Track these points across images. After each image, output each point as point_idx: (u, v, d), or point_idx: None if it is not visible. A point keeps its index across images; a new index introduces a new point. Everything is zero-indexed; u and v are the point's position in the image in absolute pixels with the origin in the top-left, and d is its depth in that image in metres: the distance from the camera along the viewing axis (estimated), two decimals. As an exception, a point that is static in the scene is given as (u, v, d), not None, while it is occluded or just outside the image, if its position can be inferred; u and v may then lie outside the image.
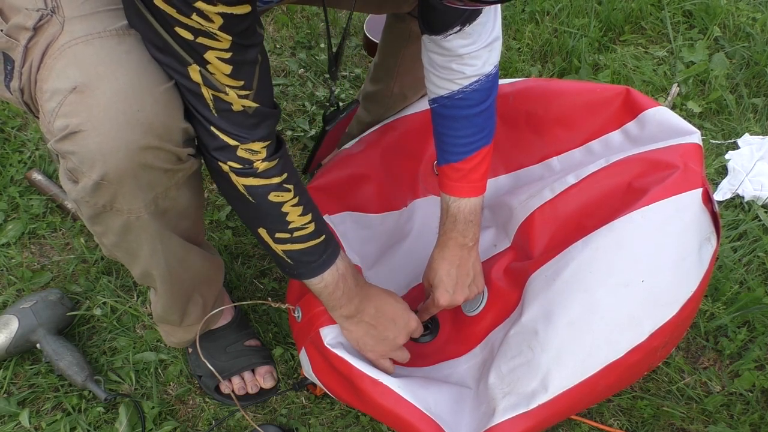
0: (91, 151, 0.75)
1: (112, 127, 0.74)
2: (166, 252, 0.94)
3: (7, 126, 1.56)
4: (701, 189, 0.95)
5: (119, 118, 0.74)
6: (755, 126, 1.64)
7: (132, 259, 0.95)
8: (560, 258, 0.98)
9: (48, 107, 0.76)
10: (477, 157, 1.02)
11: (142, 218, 0.85)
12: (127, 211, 0.83)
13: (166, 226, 0.90)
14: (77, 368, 1.18)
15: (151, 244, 0.91)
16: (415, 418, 0.94)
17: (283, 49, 1.78)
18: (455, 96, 0.99)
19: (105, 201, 0.81)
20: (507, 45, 1.80)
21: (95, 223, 0.87)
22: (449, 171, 1.03)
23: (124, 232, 0.87)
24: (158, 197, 0.85)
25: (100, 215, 0.84)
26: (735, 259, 1.38)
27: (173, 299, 1.06)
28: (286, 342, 1.27)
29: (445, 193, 1.05)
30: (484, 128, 1.02)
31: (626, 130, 1.12)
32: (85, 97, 0.74)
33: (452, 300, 1.07)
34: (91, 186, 0.78)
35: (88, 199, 0.81)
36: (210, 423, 1.18)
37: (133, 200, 0.82)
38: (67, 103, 0.75)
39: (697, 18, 1.86)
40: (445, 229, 1.07)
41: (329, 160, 1.29)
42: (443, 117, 1.02)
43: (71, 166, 0.78)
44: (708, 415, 1.20)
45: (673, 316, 0.92)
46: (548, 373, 0.92)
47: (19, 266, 1.35)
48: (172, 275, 0.99)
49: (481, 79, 0.98)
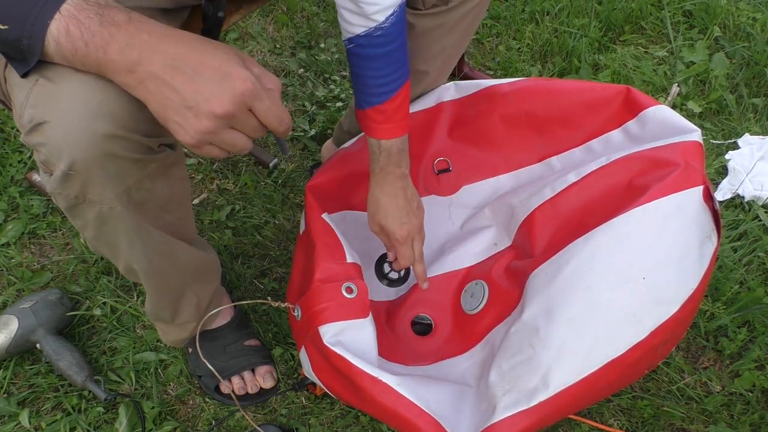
0: (58, 141, 0.75)
1: (77, 117, 0.74)
2: (145, 246, 0.93)
3: (7, 126, 1.56)
4: (702, 186, 0.95)
5: (83, 108, 0.74)
6: (755, 126, 1.64)
7: (113, 252, 0.94)
8: (561, 255, 0.98)
9: (17, 101, 0.77)
10: (400, 95, 1.00)
11: (116, 209, 0.84)
12: (99, 201, 0.82)
13: (145, 219, 0.89)
14: (77, 368, 1.18)
15: (128, 237, 0.90)
16: (415, 416, 0.94)
17: (283, 49, 1.78)
18: (373, 34, 0.94)
19: (77, 192, 0.81)
20: (507, 45, 1.80)
21: (73, 215, 0.87)
22: (374, 114, 1.01)
23: (100, 224, 0.87)
24: (131, 188, 0.83)
25: (76, 207, 0.84)
26: (735, 259, 1.38)
27: (160, 296, 1.06)
28: (286, 342, 1.27)
29: (372, 137, 1.03)
30: (403, 63, 0.99)
31: (627, 129, 1.12)
32: (50, 89, 0.74)
33: (410, 229, 1.06)
34: (61, 176, 0.78)
35: (60, 191, 0.81)
36: (210, 423, 1.18)
37: (103, 191, 0.81)
38: (33, 96, 0.75)
39: (697, 18, 1.86)
40: (381, 166, 1.05)
41: (329, 158, 1.30)
42: (362, 57, 0.97)
43: (42, 158, 0.79)
44: (708, 415, 1.19)
45: (674, 314, 0.92)
46: (549, 371, 0.92)
47: (19, 266, 1.35)
48: (155, 270, 0.98)
49: (396, 10, 0.93)
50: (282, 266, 1.38)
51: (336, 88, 1.68)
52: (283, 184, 1.50)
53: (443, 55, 1.18)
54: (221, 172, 1.52)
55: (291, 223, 1.44)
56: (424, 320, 1.19)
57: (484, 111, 1.22)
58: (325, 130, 1.59)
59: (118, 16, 0.68)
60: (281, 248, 1.40)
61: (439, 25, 1.11)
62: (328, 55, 1.77)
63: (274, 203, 1.47)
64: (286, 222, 1.44)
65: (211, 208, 1.45)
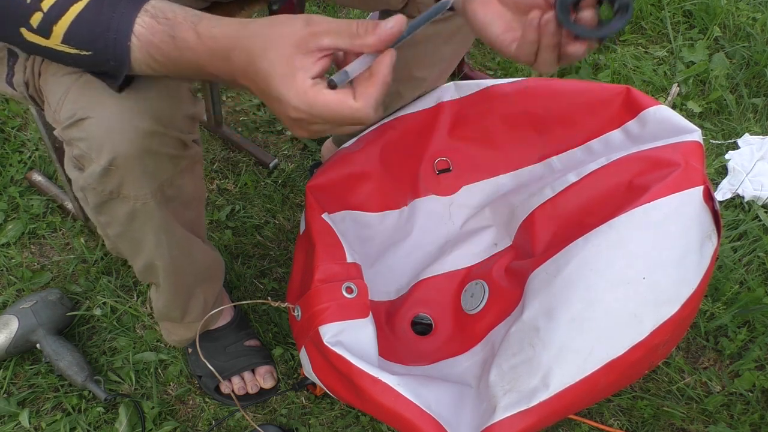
0: (99, 136, 0.76)
1: (120, 113, 0.76)
2: (170, 242, 0.94)
3: (7, 126, 1.56)
4: (702, 187, 0.95)
5: (126, 104, 0.76)
6: (755, 126, 1.64)
7: (136, 250, 0.95)
8: (561, 255, 0.98)
9: (54, 97, 0.77)
10: None
11: (149, 205, 0.85)
12: (134, 197, 0.84)
13: (172, 215, 0.91)
14: (77, 368, 1.18)
15: (156, 234, 0.91)
16: (415, 416, 0.94)
17: (283, 49, 1.78)
18: None
19: (112, 187, 0.82)
20: (507, 45, 1.80)
21: (100, 212, 0.87)
22: None
23: (129, 221, 0.88)
24: (164, 184, 0.85)
25: (107, 203, 0.85)
26: (735, 259, 1.38)
27: (176, 294, 1.06)
28: (286, 342, 1.27)
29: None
30: None
31: (627, 129, 1.12)
32: (91, 85, 0.75)
33: None
34: (100, 172, 0.79)
35: (95, 186, 0.82)
36: (210, 423, 1.18)
37: (139, 186, 0.82)
38: (73, 91, 0.76)
39: (697, 18, 1.87)
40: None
41: (329, 158, 1.29)
42: None
43: (78, 153, 0.79)
44: (708, 415, 1.19)
45: (675, 314, 0.92)
46: (549, 371, 0.92)
47: (19, 266, 1.35)
48: (175, 267, 0.99)
49: None
50: (282, 266, 1.38)
51: (336, 88, 1.68)
52: (283, 184, 1.50)
53: (441, 64, 1.19)
54: (221, 172, 1.52)
55: (291, 223, 1.44)
56: (424, 320, 1.19)
57: (485, 111, 1.22)
58: (325, 130, 1.59)
59: (187, 35, 0.67)
60: (281, 248, 1.40)
61: (437, 34, 1.12)
62: (328, 55, 1.76)
63: (274, 203, 1.47)
64: (286, 222, 1.44)
65: (211, 208, 1.45)
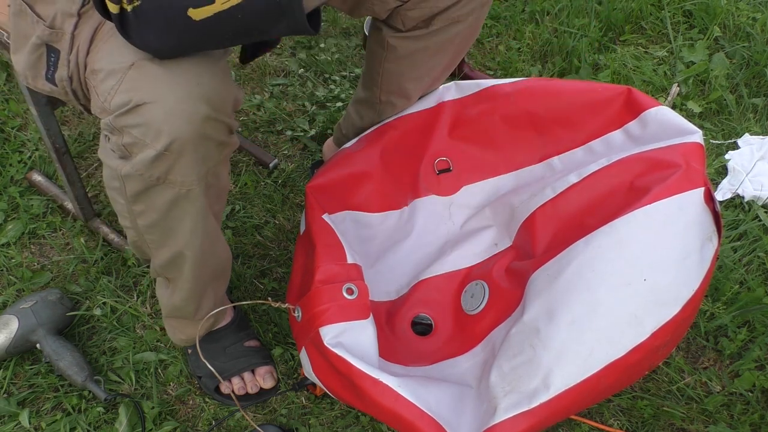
0: (158, 121, 0.77)
1: (177, 99, 0.77)
2: (204, 231, 0.94)
3: (7, 126, 1.56)
4: (703, 188, 0.95)
5: (184, 90, 0.77)
6: (755, 126, 1.64)
7: (167, 239, 0.95)
8: (562, 257, 0.98)
9: (104, 86, 0.79)
10: None
11: (193, 192, 0.86)
12: (180, 183, 0.84)
13: (209, 204, 0.91)
14: (77, 368, 1.18)
15: (193, 221, 0.91)
16: (415, 417, 0.94)
17: (283, 49, 1.78)
18: None
19: (160, 173, 0.82)
20: (507, 45, 1.80)
21: (137, 200, 0.87)
22: None
23: (169, 208, 0.88)
24: (209, 172, 0.86)
25: (150, 189, 0.85)
26: (735, 259, 1.38)
27: (195, 287, 1.06)
28: (286, 342, 1.27)
29: None
30: None
31: (627, 130, 1.12)
32: (147, 72, 0.76)
33: None
34: (152, 157, 0.80)
35: (143, 172, 0.82)
36: (210, 423, 1.18)
37: (188, 173, 0.83)
38: (127, 79, 0.77)
39: (697, 18, 1.87)
40: None
41: (329, 159, 1.30)
42: None
43: (129, 141, 0.80)
44: (708, 415, 1.19)
45: (675, 315, 0.92)
46: (550, 372, 0.92)
47: (19, 266, 1.35)
48: (202, 259, 0.99)
49: None
50: (282, 266, 1.38)
51: (336, 88, 1.68)
52: (283, 184, 1.50)
53: (431, 76, 1.20)
54: (221, 172, 1.52)
55: (291, 223, 1.44)
56: (425, 320, 1.19)
57: (485, 111, 1.22)
58: (325, 130, 1.59)
59: None
60: (281, 248, 1.40)
61: (423, 48, 1.12)
62: (328, 55, 1.77)
63: (274, 203, 1.47)
64: (286, 222, 1.44)
65: (211, 208, 1.45)
